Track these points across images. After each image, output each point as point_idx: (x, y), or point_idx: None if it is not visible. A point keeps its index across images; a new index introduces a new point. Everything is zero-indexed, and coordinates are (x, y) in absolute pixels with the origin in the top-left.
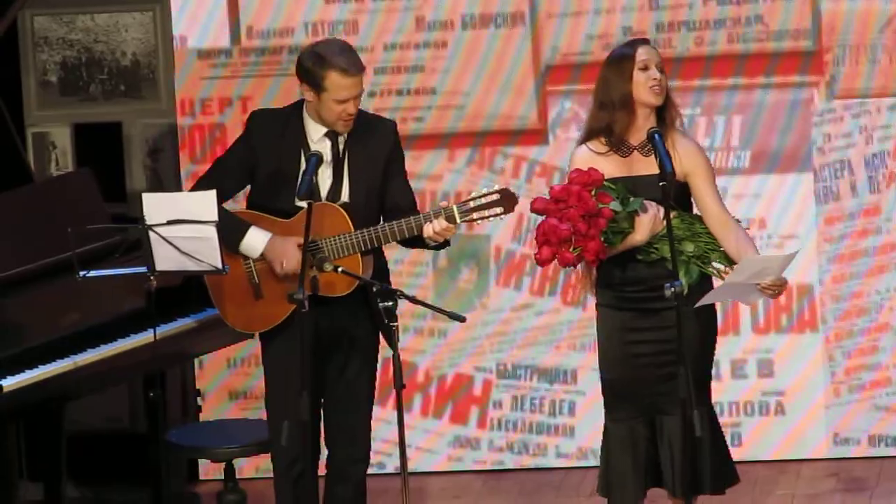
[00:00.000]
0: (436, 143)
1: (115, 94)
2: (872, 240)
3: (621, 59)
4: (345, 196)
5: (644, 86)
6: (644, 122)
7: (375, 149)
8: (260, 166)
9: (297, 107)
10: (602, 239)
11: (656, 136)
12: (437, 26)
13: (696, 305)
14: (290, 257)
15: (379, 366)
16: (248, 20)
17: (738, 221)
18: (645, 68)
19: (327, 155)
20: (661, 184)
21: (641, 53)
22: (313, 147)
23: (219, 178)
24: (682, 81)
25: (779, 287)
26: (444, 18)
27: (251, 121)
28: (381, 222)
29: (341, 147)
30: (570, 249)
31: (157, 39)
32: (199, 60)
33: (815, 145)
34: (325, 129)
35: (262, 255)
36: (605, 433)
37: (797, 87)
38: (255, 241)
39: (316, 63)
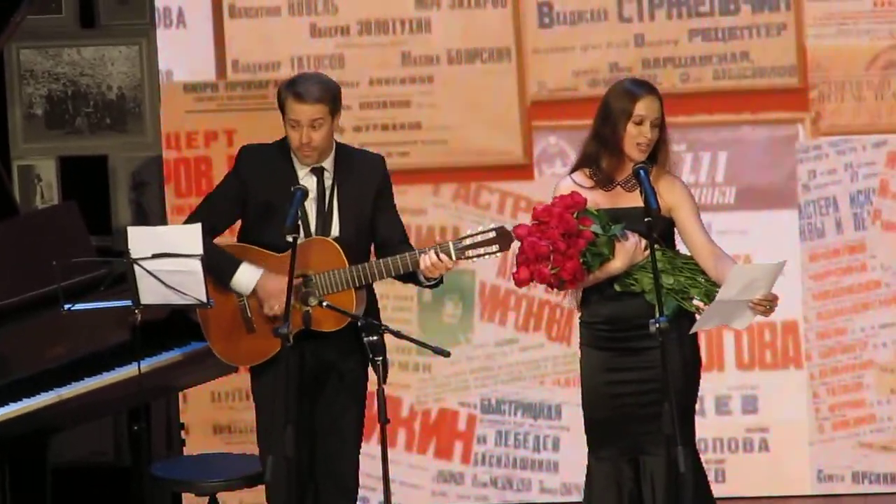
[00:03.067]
0: (421, 177)
1: (101, 128)
2: (857, 277)
3: (622, 103)
4: (335, 231)
5: (632, 140)
6: (629, 164)
7: (364, 183)
8: (250, 200)
9: (285, 142)
10: (581, 261)
11: (642, 172)
12: (422, 61)
13: (691, 331)
14: (282, 299)
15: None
16: (233, 54)
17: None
18: (640, 123)
19: (313, 191)
20: (646, 220)
21: (640, 108)
22: (301, 182)
23: (210, 214)
24: (667, 118)
25: (770, 303)
26: (429, 53)
27: (241, 155)
28: (374, 257)
29: (328, 183)
30: (549, 268)
31: (143, 73)
32: (184, 94)
33: (800, 182)
34: (310, 166)
35: (253, 291)
36: (588, 472)
37: (782, 124)
38: (246, 278)
39: (282, 88)
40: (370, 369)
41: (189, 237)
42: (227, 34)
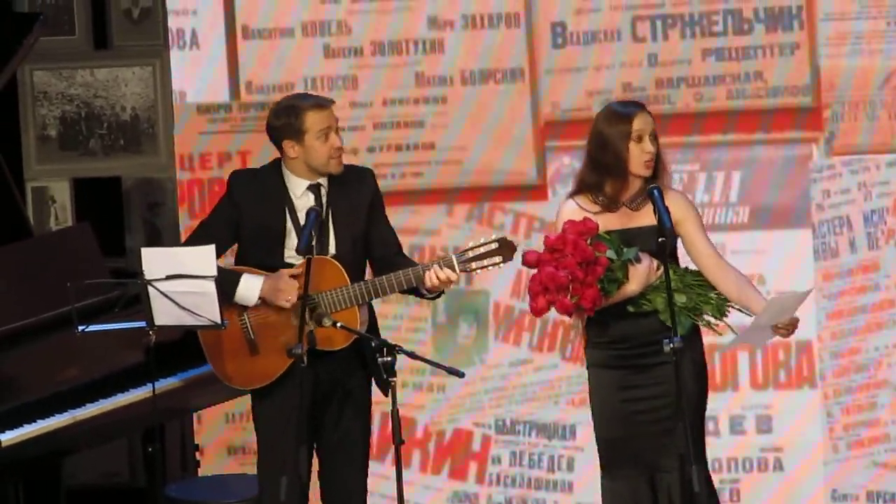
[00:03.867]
0: (435, 198)
1: (115, 149)
2: (871, 296)
3: (617, 126)
4: (332, 248)
5: (638, 159)
6: (634, 183)
7: (357, 197)
8: (245, 224)
9: (275, 165)
10: (598, 287)
11: (655, 192)
12: (436, 82)
13: (727, 348)
14: (290, 292)
15: (377, 420)
16: (247, 75)
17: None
18: (639, 140)
19: None
20: (660, 240)
21: (637, 124)
22: (297, 202)
23: (205, 239)
24: (680, 137)
25: (793, 326)
26: (443, 74)
27: (232, 181)
28: (376, 273)
29: (324, 200)
30: (568, 297)
31: (157, 94)
32: (198, 115)
33: (813, 201)
34: (307, 184)
35: (260, 298)
36: (603, 493)
37: (796, 144)
38: (251, 286)
39: (291, 114)
40: (374, 387)
41: (203, 258)
42: (240, 55)
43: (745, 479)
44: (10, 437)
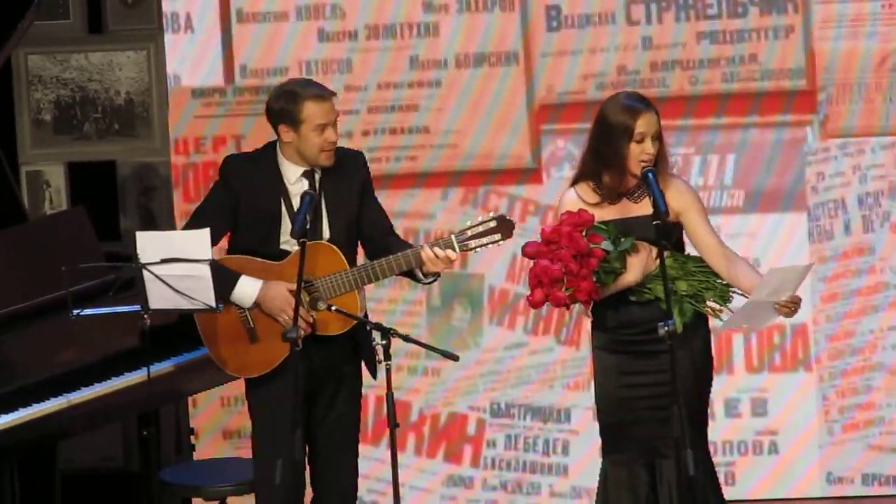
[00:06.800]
0: (429, 181)
1: (109, 133)
2: (865, 279)
3: (621, 120)
4: (325, 233)
5: (635, 159)
6: (633, 178)
7: (349, 181)
8: (241, 210)
9: (270, 149)
10: (594, 279)
11: (650, 175)
12: (430, 65)
13: (721, 328)
14: (288, 307)
15: (372, 403)
16: (242, 59)
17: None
18: (641, 140)
19: None
20: (654, 223)
21: (640, 125)
22: (290, 188)
23: (202, 226)
24: (675, 120)
25: (795, 305)
26: (438, 57)
27: (226, 166)
28: (368, 255)
29: (317, 186)
30: (563, 290)
31: (151, 78)
32: (193, 99)
33: (808, 184)
34: (302, 170)
35: (255, 304)
36: (603, 476)
37: (791, 126)
38: (247, 291)
39: (290, 99)
40: (365, 373)
41: (198, 242)
42: (235, 39)
43: (740, 462)
44: (4, 420)
